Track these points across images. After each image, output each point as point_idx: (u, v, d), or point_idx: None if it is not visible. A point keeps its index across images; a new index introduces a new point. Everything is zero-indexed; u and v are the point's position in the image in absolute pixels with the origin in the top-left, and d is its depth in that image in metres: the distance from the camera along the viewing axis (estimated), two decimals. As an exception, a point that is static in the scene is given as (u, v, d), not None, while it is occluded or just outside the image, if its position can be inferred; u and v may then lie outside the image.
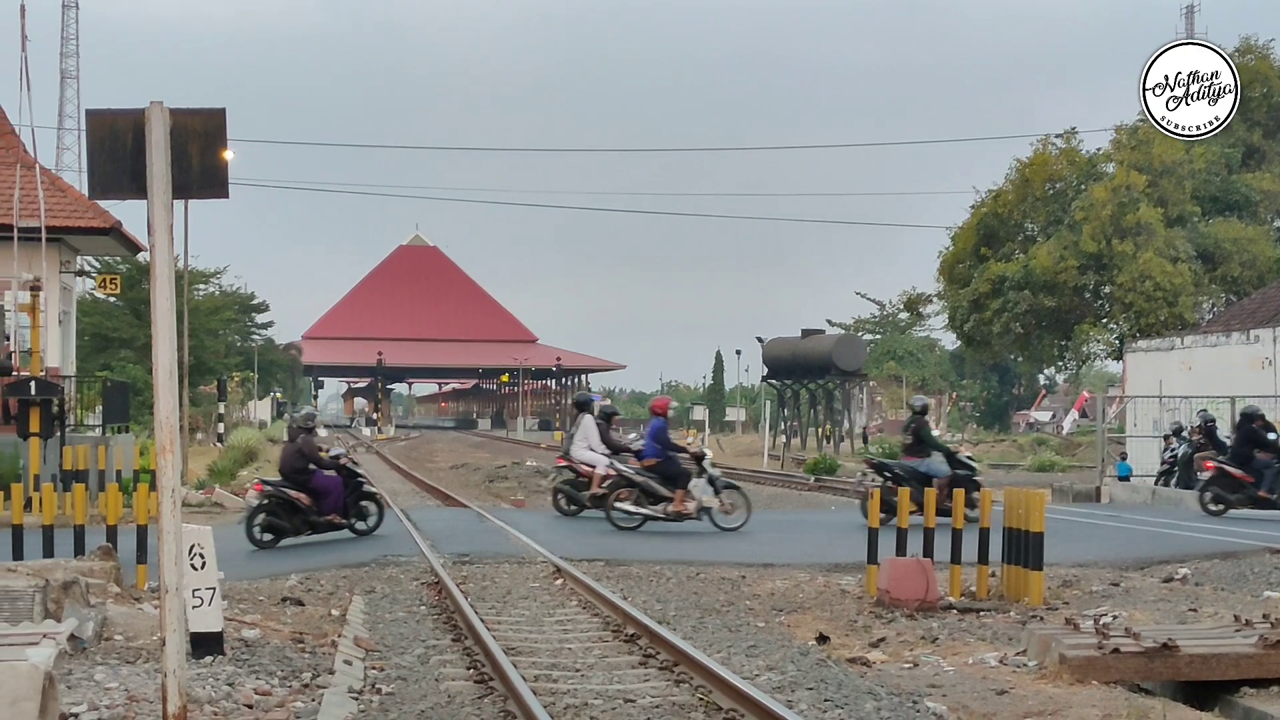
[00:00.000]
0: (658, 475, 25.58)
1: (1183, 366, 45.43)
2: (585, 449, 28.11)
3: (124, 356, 64.12)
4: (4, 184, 35.61)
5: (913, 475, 26.06)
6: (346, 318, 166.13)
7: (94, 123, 9.08)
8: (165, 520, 8.83)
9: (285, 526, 23.88)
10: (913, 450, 27.04)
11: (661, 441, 26.10)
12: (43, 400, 30.19)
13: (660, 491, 25.43)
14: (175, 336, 9.02)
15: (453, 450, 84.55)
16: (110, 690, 10.94)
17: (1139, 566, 20.40)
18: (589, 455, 28.05)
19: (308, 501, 23.90)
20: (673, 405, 28.42)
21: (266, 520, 23.87)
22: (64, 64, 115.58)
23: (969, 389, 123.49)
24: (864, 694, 11.32)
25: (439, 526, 26.45)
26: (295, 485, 24.05)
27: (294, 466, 24.19)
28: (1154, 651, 12.00)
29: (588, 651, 13.77)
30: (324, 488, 24.11)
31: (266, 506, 24.02)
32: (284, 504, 23.92)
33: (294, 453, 24.43)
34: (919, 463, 26.57)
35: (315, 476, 24.13)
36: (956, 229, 70.68)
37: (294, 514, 23.91)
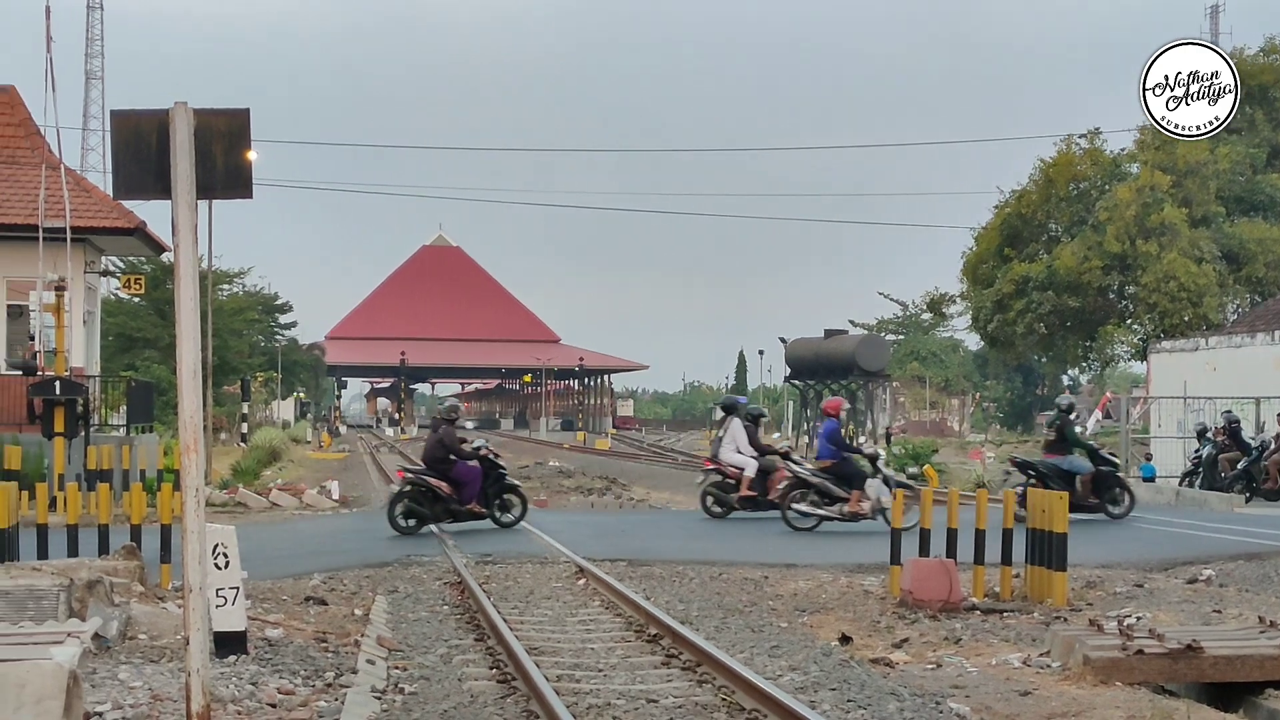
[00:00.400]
0: (833, 476, 25.81)
1: (1207, 367, 45.31)
2: (733, 451, 28.29)
3: (148, 356, 64.28)
4: (30, 184, 35.76)
5: (1055, 472, 26.55)
6: (370, 318, 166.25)
7: (118, 123, 9.10)
8: (189, 520, 8.85)
9: (426, 513, 24.86)
10: (1055, 447, 27.44)
11: (836, 442, 26.41)
12: (67, 400, 30.29)
13: (836, 492, 25.75)
14: (199, 336, 9.04)
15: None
16: (134, 689, 10.97)
17: (1163, 568, 20.32)
18: (737, 458, 28.24)
19: (448, 490, 24.83)
20: (845, 407, 28.72)
21: (408, 507, 24.91)
22: (89, 64, 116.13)
23: (992, 389, 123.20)
24: (887, 695, 11.30)
25: (461, 526, 26.47)
26: (437, 474, 24.94)
27: (435, 456, 25.18)
28: (1178, 653, 11.96)
29: (610, 651, 13.77)
30: (464, 477, 24.97)
31: (409, 493, 25.04)
32: (425, 491, 24.89)
33: (436, 442, 25.43)
34: (1061, 460, 27.00)
35: (456, 466, 25.02)
36: (980, 229, 70.57)
37: (435, 502, 24.89)
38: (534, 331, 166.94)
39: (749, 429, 28.64)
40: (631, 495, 42.72)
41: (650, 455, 79.48)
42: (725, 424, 29.19)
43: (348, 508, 36.05)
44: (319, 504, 35.85)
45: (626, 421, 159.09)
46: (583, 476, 51.05)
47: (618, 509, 36.88)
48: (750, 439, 28.44)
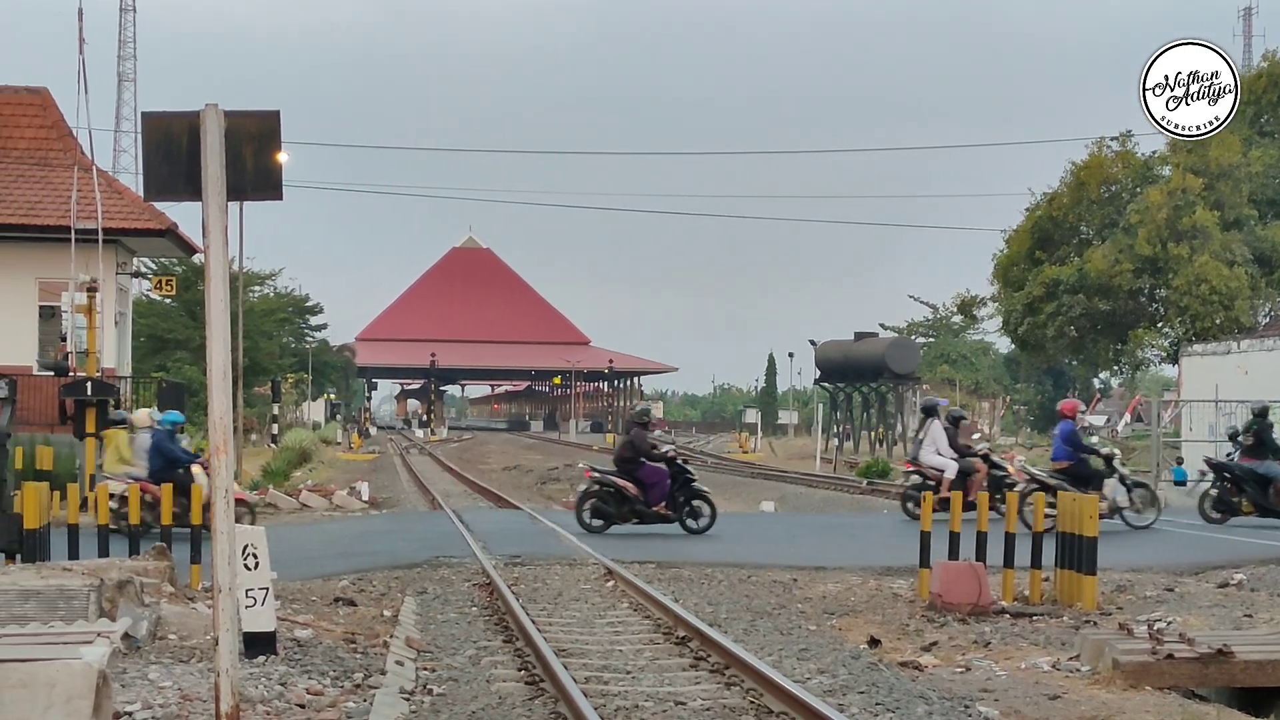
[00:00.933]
0: (1069, 477, 25.88)
1: (1239, 370, 45.07)
2: (934, 453, 28.37)
3: (179, 357, 64.48)
4: (62, 186, 35.94)
5: (1252, 477, 26.89)
6: (400, 319, 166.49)
7: (149, 125, 9.14)
8: (218, 520, 8.88)
9: (613, 513, 25.32)
10: (1252, 452, 27.60)
11: (1072, 443, 26.51)
12: (99, 401, 30.41)
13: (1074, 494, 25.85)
14: (229, 338, 9.07)
15: (505, 452, 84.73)
16: (164, 689, 11.02)
17: (1193, 572, 20.24)
18: (937, 459, 28.30)
19: (635, 491, 25.23)
20: (1080, 409, 28.89)
21: (596, 506, 25.40)
22: (121, 66, 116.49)
23: (1023, 393, 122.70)
24: (915, 698, 11.28)
25: (491, 528, 26.52)
26: (625, 475, 25.36)
27: (624, 457, 25.72)
28: (1208, 657, 11.92)
29: (638, 654, 13.77)
30: (651, 479, 25.35)
31: (596, 493, 25.53)
32: (613, 492, 25.30)
33: (625, 444, 26.05)
34: (1258, 465, 27.25)
35: (643, 468, 25.37)
36: (1011, 232, 70.32)
37: (622, 502, 25.33)
38: (564, 333, 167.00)
39: (949, 431, 28.77)
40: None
41: (679, 457, 79.28)
42: (925, 426, 29.21)
43: (377, 509, 36.17)
44: (349, 505, 35.98)
45: (656, 424, 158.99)
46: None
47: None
48: (950, 440, 28.54)
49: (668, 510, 25.31)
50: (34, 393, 32.26)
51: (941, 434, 28.44)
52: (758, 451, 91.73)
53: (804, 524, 25.80)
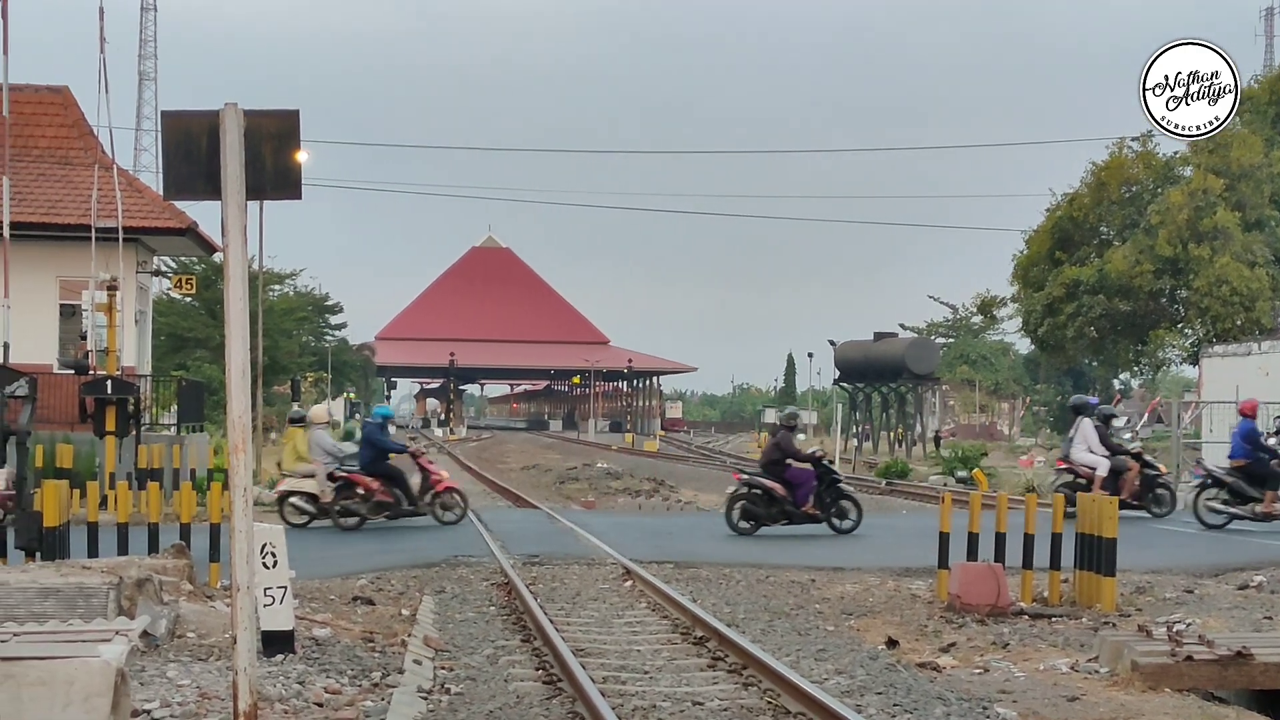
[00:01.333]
0: (1245, 476, 26.68)
1: (1260, 372, 44.95)
2: (1085, 451, 28.54)
3: (199, 356, 64.66)
4: (83, 185, 36.03)
5: None
6: (419, 319, 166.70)
7: (169, 124, 9.16)
8: (237, 519, 8.89)
9: (762, 514, 25.71)
10: None
11: (1251, 442, 27.15)
12: (119, 399, 30.48)
13: (1249, 492, 26.60)
14: (248, 337, 9.08)
15: (524, 451, 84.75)
16: (182, 687, 11.04)
17: (1213, 573, 20.19)
18: (1089, 457, 28.45)
19: (783, 492, 25.62)
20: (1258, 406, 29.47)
21: (745, 508, 25.87)
22: (142, 65, 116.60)
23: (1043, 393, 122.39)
24: (934, 699, 11.27)
25: (509, 527, 26.54)
26: (772, 476, 25.76)
27: (771, 459, 26.15)
28: (1228, 659, 11.89)
29: (656, 654, 13.78)
30: (797, 480, 25.75)
31: (745, 495, 25.98)
32: (761, 494, 25.74)
33: (773, 446, 26.43)
34: None
35: (789, 470, 25.78)
36: (1031, 232, 70.17)
37: (771, 504, 25.76)
38: (583, 333, 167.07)
39: (1100, 429, 28.91)
40: (679, 497, 42.72)
41: (698, 457, 79.43)
42: (1076, 424, 29.34)
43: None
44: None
45: (675, 423, 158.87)
46: (630, 478, 51.03)
47: (665, 511, 36.88)
48: (1102, 438, 28.68)
49: (815, 510, 25.70)
50: (54, 391, 32.34)
51: (1093, 432, 28.63)
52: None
53: (822, 524, 25.80)
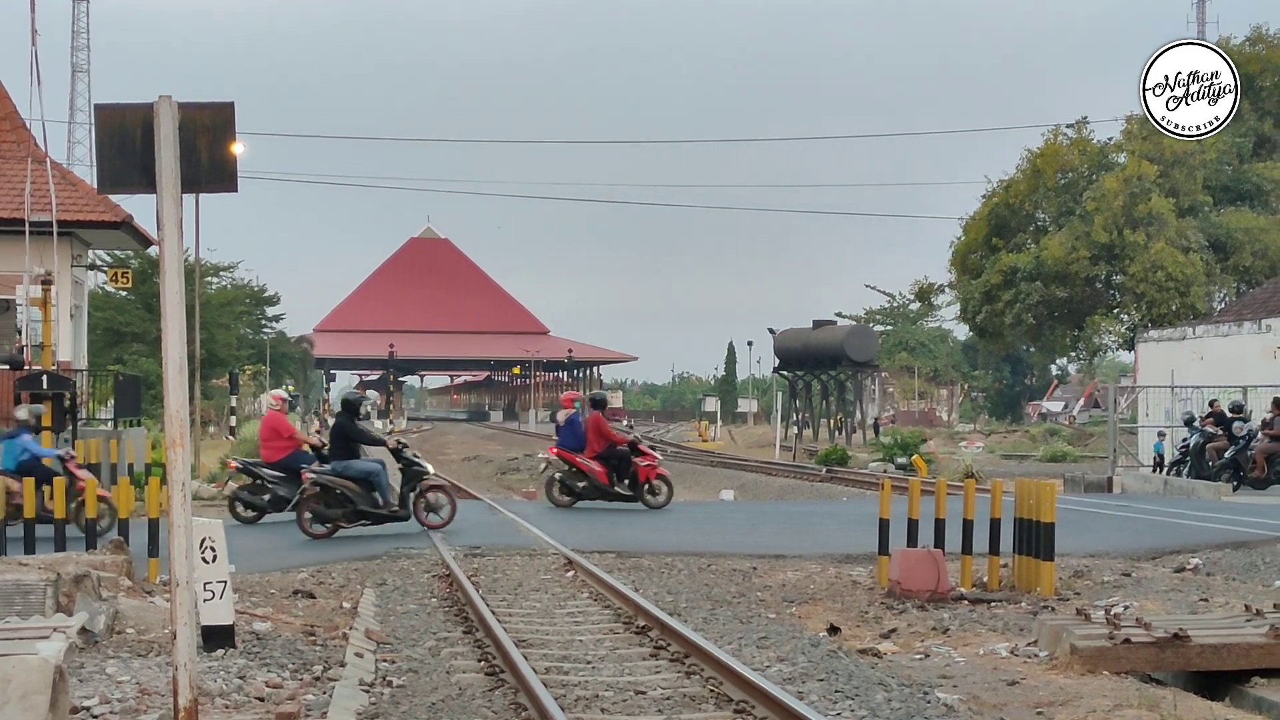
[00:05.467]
0: None
1: (1194, 356, 45.37)
2: None
3: (136, 350, 64.19)
4: (15, 178, 35.65)
5: None
6: (358, 310, 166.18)
7: (103, 117, 9.09)
8: (176, 514, 8.84)
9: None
10: None
11: None
12: (55, 394, 30.21)
13: None
14: (185, 330, 9.02)
15: (464, 442, 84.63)
16: (122, 683, 10.97)
17: (1150, 557, 20.37)
18: None
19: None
20: None
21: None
22: (75, 58, 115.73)
23: (981, 379, 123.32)
24: (875, 685, 11.31)
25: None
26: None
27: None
28: (1165, 642, 11.98)
29: (599, 643, 13.77)
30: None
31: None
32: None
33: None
34: None
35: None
36: (968, 219, 70.63)
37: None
38: (523, 323, 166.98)
39: None
40: (620, 487, 42.63)
41: (639, 447, 79.25)
42: None
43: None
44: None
45: (615, 413, 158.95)
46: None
47: (606, 501, 36.81)
48: None
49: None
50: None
51: None
52: (717, 440, 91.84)
53: (764, 512, 25.87)
